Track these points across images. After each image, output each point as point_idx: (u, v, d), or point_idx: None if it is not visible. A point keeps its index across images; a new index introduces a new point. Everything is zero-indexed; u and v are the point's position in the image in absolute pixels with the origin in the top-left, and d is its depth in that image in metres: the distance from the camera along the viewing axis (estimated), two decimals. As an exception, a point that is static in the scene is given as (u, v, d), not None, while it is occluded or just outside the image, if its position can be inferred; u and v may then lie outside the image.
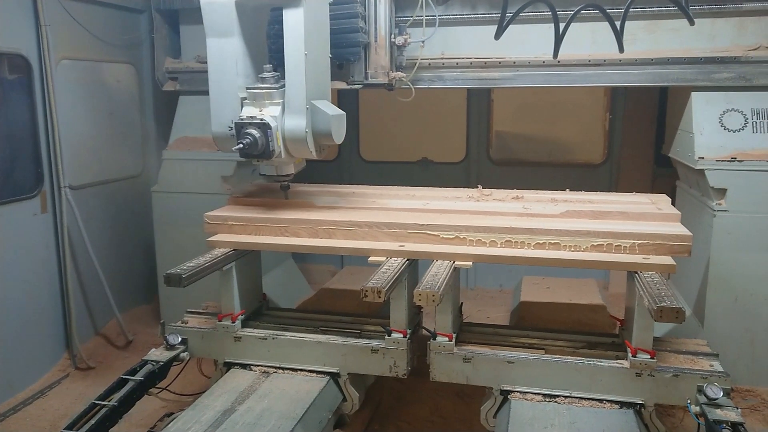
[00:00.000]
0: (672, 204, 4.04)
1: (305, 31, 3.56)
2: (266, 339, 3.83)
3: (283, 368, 3.81)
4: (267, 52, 4.02)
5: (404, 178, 5.39)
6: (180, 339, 3.87)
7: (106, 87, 5.43)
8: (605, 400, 3.35)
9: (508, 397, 3.45)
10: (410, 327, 3.70)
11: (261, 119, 3.63)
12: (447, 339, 3.54)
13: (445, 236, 3.69)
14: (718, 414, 3.00)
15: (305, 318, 4.21)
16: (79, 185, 5.07)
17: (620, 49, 3.54)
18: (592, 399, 3.37)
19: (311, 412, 3.39)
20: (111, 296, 5.27)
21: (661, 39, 4.45)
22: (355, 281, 5.70)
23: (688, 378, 3.26)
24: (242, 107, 3.75)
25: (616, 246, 3.48)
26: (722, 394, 3.10)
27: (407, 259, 3.62)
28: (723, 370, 3.30)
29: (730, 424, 2.91)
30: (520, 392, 3.44)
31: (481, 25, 4.62)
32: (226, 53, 3.76)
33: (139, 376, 3.49)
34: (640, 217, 3.74)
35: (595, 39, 4.50)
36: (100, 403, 3.26)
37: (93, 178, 5.29)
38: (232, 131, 3.74)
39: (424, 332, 3.87)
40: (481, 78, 4.76)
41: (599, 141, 6.75)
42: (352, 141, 7.10)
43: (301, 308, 5.12)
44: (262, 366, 3.85)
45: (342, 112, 3.84)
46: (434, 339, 3.57)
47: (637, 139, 6.56)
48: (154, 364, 3.64)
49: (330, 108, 3.77)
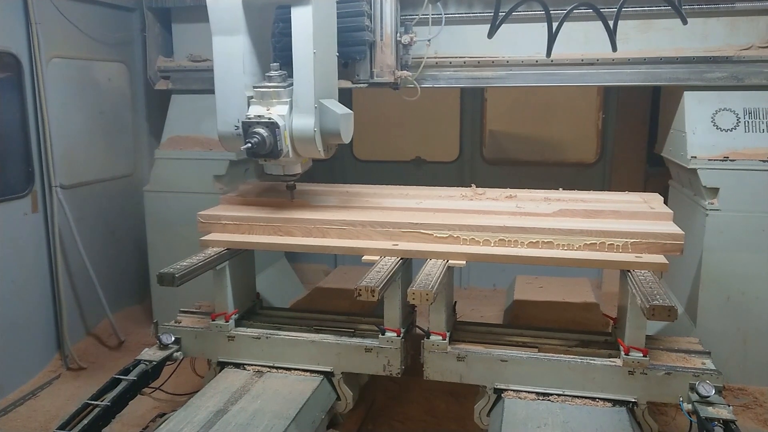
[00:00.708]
0: (664, 203, 4.06)
1: (314, 29, 3.52)
2: (260, 338, 3.82)
3: (277, 367, 3.80)
4: (272, 51, 3.98)
5: (398, 178, 5.39)
6: (173, 338, 3.86)
7: (97, 86, 5.39)
8: (598, 399, 3.36)
9: (502, 395, 3.46)
10: (404, 326, 3.70)
11: (269, 118, 3.58)
12: (441, 338, 3.55)
13: (438, 235, 3.69)
14: (710, 411, 3.01)
15: (299, 317, 4.20)
16: (70, 185, 5.04)
17: (613, 49, 3.55)
18: (585, 397, 3.38)
19: (304, 412, 3.38)
20: (103, 296, 5.24)
21: (653, 38, 4.46)
22: (349, 280, 5.70)
23: (681, 376, 3.27)
24: (249, 106, 3.70)
25: (608, 245, 3.49)
26: (714, 391, 3.11)
27: (401, 258, 3.61)
28: (715, 368, 3.32)
29: (721, 422, 2.92)
30: (514, 390, 3.45)
31: (474, 24, 4.62)
32: (233, 51, 3.70)
33: (132, 376, 3.47)
34: (633, 215, 3.75)
35: (587, 38, 4.51)
36: (92, 402, 3.24)
37: (84, 178, 5.26)
38: (239, 130, 3.69)
39: (417, 331, 3.87)
40: (475, 77, 4.77)
41: (592, 140, 6.78)
42: (346, 140, 7.08)
43: (294, 307, 5.10)
44: (255, 365, 3.83)
45: (350, 111, 3.80)
46: (428, 338, 3.57)
47: (630, 138, 6.59)
48: (148, 363, 3.62)
49: (338, 107, 3.73)
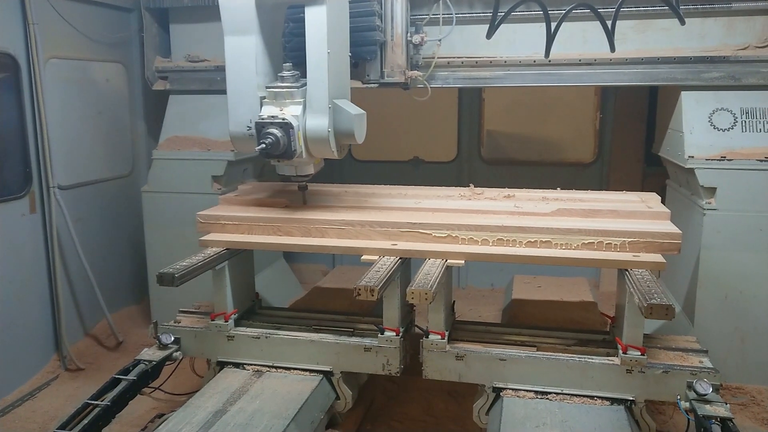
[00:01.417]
0: (662, 202, 4.07)
1: (328, 29, 3.50)
2: (259, 338, 3.83)
3: (277, 367, 3.80)
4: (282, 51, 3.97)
5: (396, 178, 5.39)
6: (173, 338, 3.86)
7: (95, 86, 5.39)
8: (596, 397, 3.38)
9: (501, 394, 3.47)
10: (403, 325, 3.71)
11: (283, 119, 3.56)
12: (440, 337, 3.55)
13: (437, 235, 3.69)
14: (708, 409, 3.02)
15: (298, 317, 4.20)
16: (68, 185, 5.03)
17: (611, 49, 3.56)
18: (584, 396, 3.39)
19: (303, 412, 3.39)
20: (101, 297, 5.23)
21: (651, 38, 4.48)
22: (347, 280, 5.71)
23: (678, 374, 3.28)
24: (261, 106, 3.67)
25: (606, 244, 3.50)
26: (711, 389, 3.12)
27: (400, 258, 3.62)
28: (712, 367, 3.33)
29: (719, 420, 2.94)
30: (512, 389, 3.46)
31: (472, 24, 4.63)
32: (245, 51, 3.67)
33: (132, 376, 3.48)
34: (630, 215, 3.76)
35: (585, 38, 4.53)
36: (92, 402, 3.24)
37: (82, 178, 5.25)
38: (251, 131, 3.67)
39: (416, 330, 3.87)
40: (473, 77, 4.78)
41: (590, 140, 6.79)
42: (344, 140, 7.08)
43: (293, 307, 5.11)
44: (255, 365, 3.84)
45: (363, 111, 3.78)
46: (427, 337, 3.58)
47: (628, 138, 6.60)
48: (147, 363, 3.62)
49: (352, 107, 3.72)
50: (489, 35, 3.53)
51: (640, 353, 3.33)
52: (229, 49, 3.71)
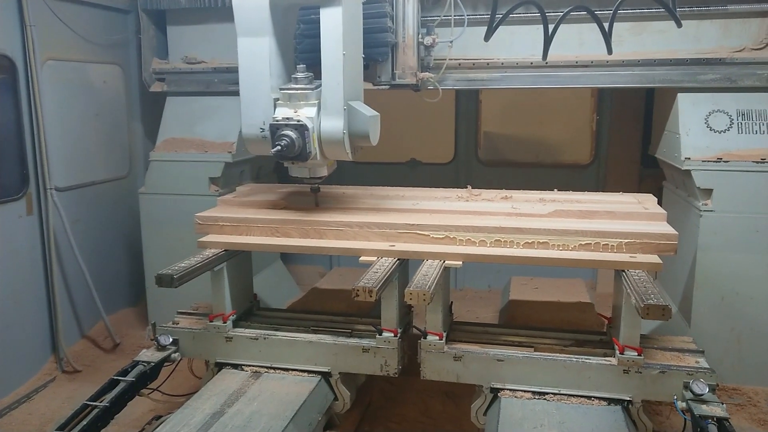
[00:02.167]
0: (659, 204, 4.08)
1: (344, 30, 3.48)
2: (257, 339, 3.83)
3: (275, 368, 3.80)
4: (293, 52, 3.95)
5: (393, 179, 5.40)
6: (171, 339, 3.85)
7: (92, 88, 5.39)
8: (593, 397, 3.39)
9: (498, 394, 3.47)
10: (401, 326, 3.71)
11: (298, 120, 3.54)
12: (437, 338, 3.56)
13: (435, 236, 3.70)
14: (704, 409, 3.04)
15: (296, 318, 4.21)
16: (65, 187, 5.03)
17: (608, 51, 3.58)
18: (581, 396, 3.40)
19: (301, 414, 3.38)
20: (98, 299, 5.22)
21: (647, 41, 4.50)
22: (345, 282, 5.70)
23: (675, 374, 3.30)
24: (275, 108, 3.65)
25: (603, 245, 3.51)
26: (708, 389, 3.13)
27: (398, 259, 3.63)
28: (708, 367, 3.34)
29: (715, 420, 2.95)
30: (510, 390, 3.46)
31: (469, 26, 4.64)
32: (259, 53, 3.63)
33: (130, 377, 3.47)
34: (627, 216, 3.78)
35: (582, 40, 4.55)
36: (91, 404, 3.23)
37: (79, 180, 5.25)
38: (264, 133, 3.65)
39: (414, 331, 3.88)
40: (470, 79, 4.79)
41: (587, 142, 6.81)
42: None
43: (291, 308, 5.10)
44: (253, 366, 3.84)
45: (377, 113, 3.77)
46: (425, 338, 3.58)
47: (624, 139, 6.62)
48: (146, 364, 3.61)
49: (366, 109, 3.70)
50: (487, 38, 3.55)
51: (636, 354, 3.34)
52: (242, 51, 3.67)
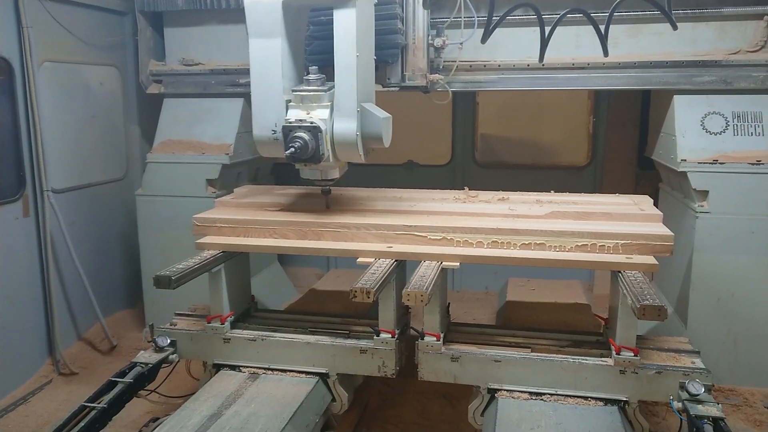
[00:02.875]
0: (655, 205, 4.10)
1: (357, 31, 3.46)
2: (255, 340, 3.82)
3: (273, 369, 3.80)
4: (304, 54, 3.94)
5: (390, 181, 5.41)
6: (169, 341, 3.85)
7: (89, 90, 5.38)
8: (590, 398, 3.40)
9: (495, 395, 3.48)
10: (398, 327, 3.72)
11: (311, 122, 3.52)
12: (435, 339, 3.57)
13: (432, 237, 3.71)
14: (700, 409, 3.05)
15: (294, 319, 4.21)
16: (62, 189, 5.02)
17: (605, 53, 3.60)
18: (578, 396, 3.41)
19: (299, 415, 3.38)
20: (95, 300, 5.21)
21: (643, 43, 4.52)
22: (342, 283, 5.71)
23: (671, 375, 3.31)
24: (287, 110, 3.62)
25: (599, 246, 3.52)
26: (704, 390, 3.15)
27: (395, 260, 3.63)
28: (704, 367, 3.35)
29: (711, 420, 2.96)
30: (507, 390, 3.47)
31: (466, 29, 4.65)
32: (271, 54, 3.60)
33: (128, 379, 3.47)
34: (623, 217, 3.79)
35: (578, 43, 4.56)
36: (89, 405, 3.23)
37: (76, 182, 5.24)
38: (276, 134, 3.63)
39: (412, 332, 3.89)
40: (466, 81, 4.80)
41: (583, 143, 6.82)
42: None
43: (289, 310, 5.10)
44: (251, 367, 3.83)
45: (389, 114, 3.75)
46: (422, 339, 3.59)
47: (621, 141, 6.65)
48: (143, 366, 3.61)
49: (379, 110, 3.69)
50: (484, 40, 3.56)
51: (633, 354, 3.35)
52: (254, 52, 3.64)
